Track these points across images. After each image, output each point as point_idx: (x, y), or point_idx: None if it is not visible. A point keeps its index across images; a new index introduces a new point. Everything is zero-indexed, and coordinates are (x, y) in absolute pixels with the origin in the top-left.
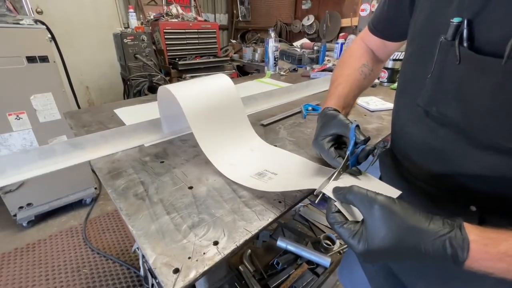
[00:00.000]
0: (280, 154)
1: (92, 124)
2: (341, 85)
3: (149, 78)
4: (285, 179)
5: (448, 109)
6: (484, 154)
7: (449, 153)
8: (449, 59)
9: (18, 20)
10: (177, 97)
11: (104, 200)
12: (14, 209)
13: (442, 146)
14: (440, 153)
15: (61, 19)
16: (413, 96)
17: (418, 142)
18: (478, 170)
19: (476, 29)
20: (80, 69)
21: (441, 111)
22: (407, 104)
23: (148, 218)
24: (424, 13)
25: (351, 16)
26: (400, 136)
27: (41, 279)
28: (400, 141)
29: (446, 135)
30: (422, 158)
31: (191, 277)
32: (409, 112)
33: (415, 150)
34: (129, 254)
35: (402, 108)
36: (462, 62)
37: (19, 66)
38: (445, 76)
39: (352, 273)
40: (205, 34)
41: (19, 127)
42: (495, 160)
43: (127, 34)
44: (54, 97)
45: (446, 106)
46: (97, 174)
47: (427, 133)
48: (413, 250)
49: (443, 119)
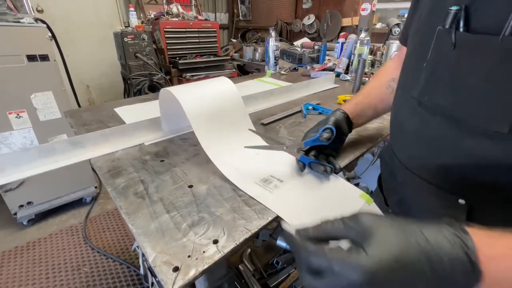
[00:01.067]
0: (286, 158)
1: (92, 122)
2: (362, 94)
3: (149, 77)
4: (289, 189)
5: (439, 97)
6: (474, 141)
7: (441, 142)
8: (444, 46)
9: (19, 19)
10: (180, 101)
11: (104, 199)
12: (15, 207)
13: (434, 135)
14: (433, 142)
15: (61, 17)
16: (408, 88)
17: (412, 133)
18: (468, 158)
19: (472, 15)
20: (81, 68)
21: (433, 100)
22: (402, 97)
23: (148, 216)
24: (426, 8)
25: (351, 15)
26: (397, 129)
27: (41, 277)
28: (396, 134)
29: (438, 124)
30: (416, 148)
31: (191, 275)
32: (404, 105)
33: (410, 141)
34: (129, 253)
35: (398, 102)
36: (457, 47)
37: (19, 64)
38: (439, 63)
39: None
40: (205, 33)
41: (19, 125)
42: (484, 147)
43: (127, 33)
44: (55, 95)
45: (438, 94)
46: (97, 172)
47: (420, 123)
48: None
49: (435, 108)
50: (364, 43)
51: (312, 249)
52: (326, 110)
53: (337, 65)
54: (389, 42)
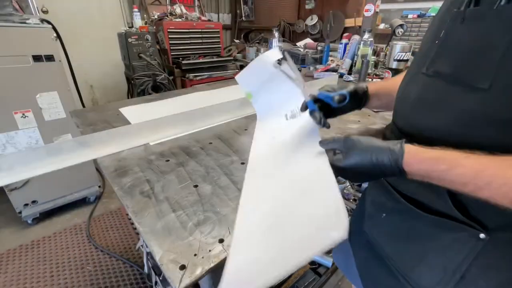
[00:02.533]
0: None
1: (98, 122)
2: (390, 80)
3: (153, 77)
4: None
5: (442, 65)
6: (466, 97)
7: (438, 102)
8: (456, 23)
9: (25, 20)
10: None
11: (108, 198)
12: (19, 206)
13: (433, 96)
14: (431, 104)
15: (66, 18)
16: (418, 66)
17: (414, 98)
18: (461, 114)
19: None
20: (85, 68)
21: (437, 68)
22: (411, 73)
23: (154, 215)
24: (445, 5)
25: (354, 16)
26: (401, 101)
27: (45, 275)
28: (398, 105)
29: (437, 86)
30: (415, 112)
31: (198, 273)
32: (412, 78)
33: (410, 107)
34: (132, 252)
35: (407, 78)
36: (465, 21)
37: (25, 65)
38: (448, 38)
39: (343, 252)
40: (208, 34)
41: (24, 125)
42: (474, 103)
43: (131, 33)
44: (60, 95)
45: (440, 63)
46: (103, 172)
47: (422, 89)
48: (372, 162)
49: (437, 75)
50: (367, 44)
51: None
52: None
53: (340, 66)
54: (393, 43)
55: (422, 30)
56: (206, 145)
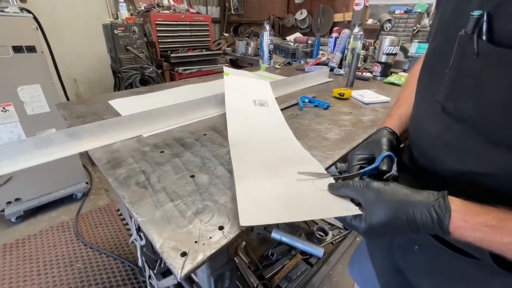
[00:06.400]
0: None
1: (87, 115)
2: (403, 106)
3: (141, 70)
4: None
5: (464, 104)
6: (498, 152)
7: (463, 149)
8: (467, 53)
9: (3, 8)
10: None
11: (96, 195)
12: (2, 204)
13: (457, 142)
14: (455, 149)
15: (45, 8)
16: (432, 91)
17: (434, 137)
18: (491, 168)
19: (495, 22)
20: (67, 61)
21: (458, 106)
22: (425, 99)
23: (152, 205)
24: (449, 7)
25: (343, 11)
26: (417, 132)
27: (32, 274)
28: (417, 137)
29: (461, 131)
30: (437, 154)
31: (199, 260)
32: (427, 108)
33: (431, 147)
34: (122, 248)
35: (420, 104)
36: (480, 56)
37: (5, 56)
38: (462, 71)
39: (362, 267)
40: (197, 27)
41: (5, 119)
42: (508, 159)
43: (117, 25)
44: (43, 88)
45: (462, 101)
46: (96, 164)
47: (443, 128)
48: (406, 221)
49: (459, 115)
50: (357, 38)
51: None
52: (322, 103)
53: (330, 60)
54: (382, 37)
55: (408, 26)
56: (200, 136)
